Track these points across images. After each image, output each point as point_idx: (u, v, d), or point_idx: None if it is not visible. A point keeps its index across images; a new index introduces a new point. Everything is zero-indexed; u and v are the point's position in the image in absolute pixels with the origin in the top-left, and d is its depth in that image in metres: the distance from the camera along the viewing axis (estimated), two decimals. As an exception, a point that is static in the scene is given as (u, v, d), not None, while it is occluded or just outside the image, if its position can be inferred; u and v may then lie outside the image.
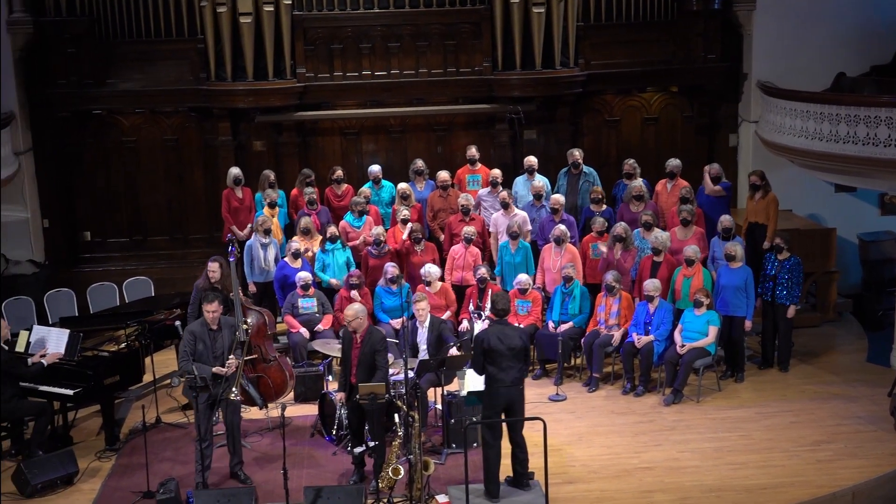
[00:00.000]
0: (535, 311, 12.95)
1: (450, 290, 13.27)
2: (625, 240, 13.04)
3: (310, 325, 12.87)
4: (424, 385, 10.94)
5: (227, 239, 11.83)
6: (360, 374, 10.05)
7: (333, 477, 10.38)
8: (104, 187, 16.23)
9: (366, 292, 13.18)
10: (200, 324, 10.18)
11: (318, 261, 13.66)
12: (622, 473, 10.40)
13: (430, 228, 14.52)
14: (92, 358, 11.48)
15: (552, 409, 11.95)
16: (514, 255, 13.47)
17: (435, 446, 10.97)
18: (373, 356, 10.04)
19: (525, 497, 9.55)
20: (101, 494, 10.30)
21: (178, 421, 11.82)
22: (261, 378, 11.61)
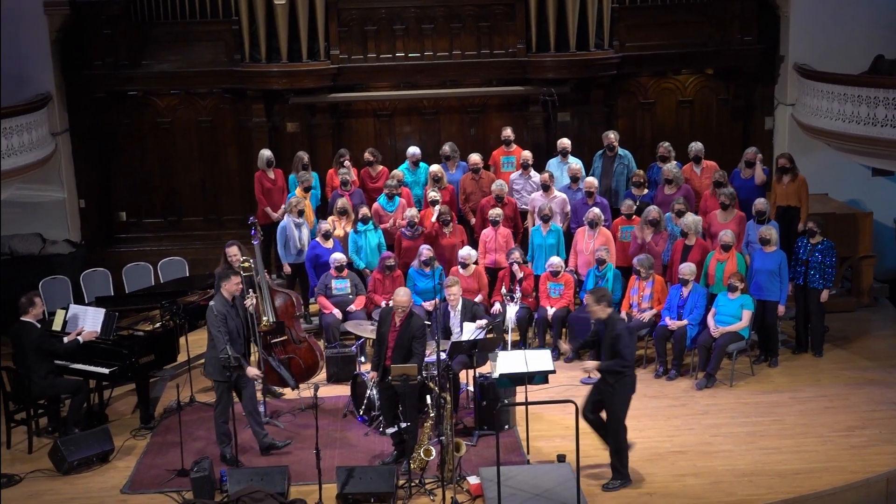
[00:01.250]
0: (568, 293, 12.92)
1: (482, 272, 13.26)
2: (658, 223, 12.97)
3: (342, 306, 12.91)
4: (456, 367, 10.95)
5: (250, 222, 11.85)
6: (395, 357, 10.10)
7: (365, 457, 10.43)
8: (139, 168, 16.32)
9: (399, 274, 13.20)
10: (222, 302, 10.26)
11: (352, 242, 13.69)
12: (654, 457, 10.38)
13: (461, 211, 14.52)
14: (127, 337, 11.57)
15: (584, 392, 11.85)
16: (546, 238, 13.44)
17: (466, 428, 10.98)
18: (410, 342, 10.06)
19: (557, 479, 9.54)
20: (136, 472, 10.40)
21: (212, 401, 11.82)
22: (292, 359, 11.67)
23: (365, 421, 11.20)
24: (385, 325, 10.25)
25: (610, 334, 9.68)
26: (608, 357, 9.69)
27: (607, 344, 9.69)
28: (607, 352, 9.69)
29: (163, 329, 11.83)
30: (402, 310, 10.10)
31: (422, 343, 10.08)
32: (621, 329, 9.71)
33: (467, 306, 11.67)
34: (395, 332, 10.15)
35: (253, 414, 10.51)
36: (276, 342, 11.63)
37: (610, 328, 9.70)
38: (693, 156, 14.23)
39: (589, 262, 13.08)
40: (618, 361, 9.65)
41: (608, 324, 9.75)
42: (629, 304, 12.66)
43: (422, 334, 10.07)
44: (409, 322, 10.08)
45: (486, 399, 10.80)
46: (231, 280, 10.27)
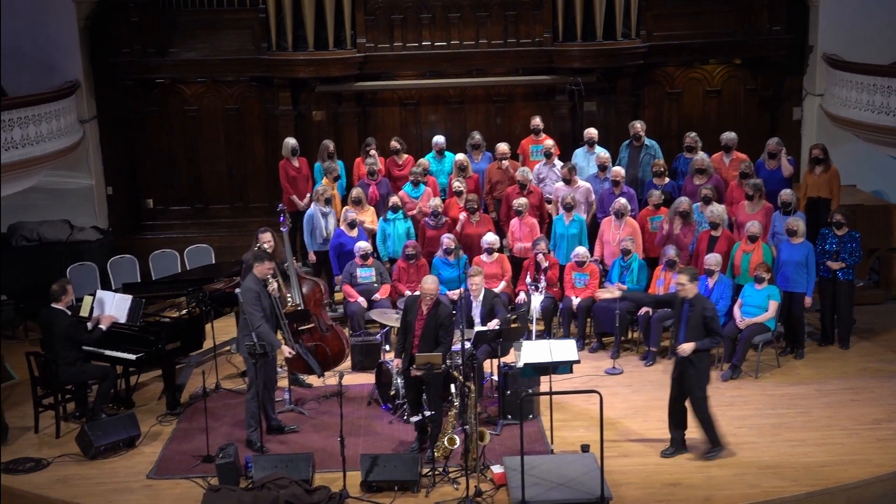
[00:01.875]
0: (593, 283, 12.90)
1: (505, 259, 13.26)
2: (688, 215, 12.93)
3: (367, 295, 12.94)
4: (481, 356, 10.94)
5: (279, 209, 11.90)
6: (422, 346, 10.11)
7: (390, 445, 10.45)
8: (166, 155, 16.40)
9: (423, 263, 13.21)
10: (255, 281, 10.36)
11: (380, 231, 13.71)
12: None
13: (485, 201, 14.50)
14: (154, 324, 11.64)
15: (609, 383, 11.93)
16: (569, 228, 13.41)
17: (491, 417, 10.99)
18: (437, 330, 10.08)
19: (580, 468, 9.54)
20: (163, 457, 10.47)
21: (238, 387, 11.96)
22: (318, 346, 11.70)
23: (389, 409, 11.23)
24: (411, 313, 10.26)
25: (700, 313, 9.90)
26: (695, 336, 9.89)
27: (695, 323, 9.89)
28: (694, 331, 9.89)
29: (189, 316, 11.88)
30: (429, 297, 10.10)
31: (448, 332, 10.09)
32: (711, 307, 10.02)
33: (488, 298, 11.63)
34: (423, 321, 10.15)
35: (269, 400, 10.61)
36: (304, 329, 11.66)
37: (699, 307, 9.92)
38: (724, 144, 14.15)
39: (615, 253, 13.05)
40: (714, 339, 9.92)
41: (695, 303, 9.95)
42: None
43: (449, 322, 10.08)
44: (436, 310, 10.08)
45: (510, 388, 10.81)
46: (265, 264, 10.35)
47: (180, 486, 9.91)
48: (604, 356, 12.73)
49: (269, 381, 10.55)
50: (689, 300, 9.97)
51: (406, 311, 10.35)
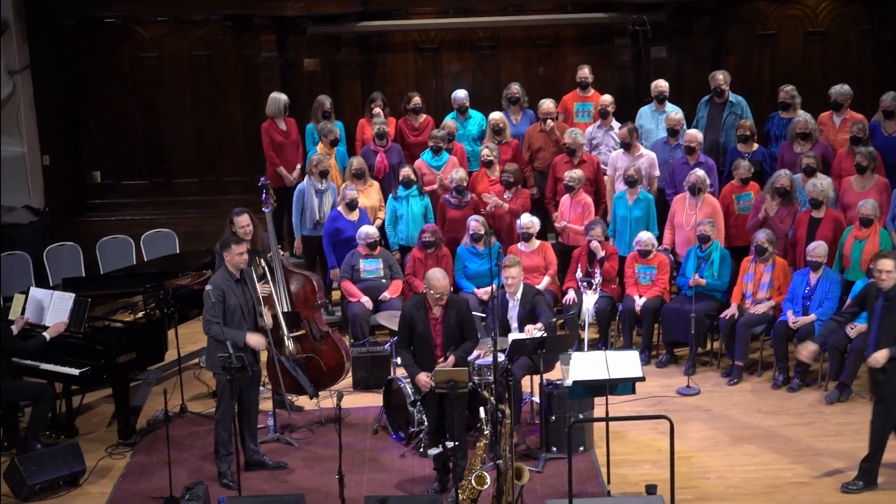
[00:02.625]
0: (661, 279, 12.90)
1: (549, 248, 13.30)
2: (788, 193, 12.90)
3: (373, 293, 12.98)
4: (518, 372, 10.94)
5: (260, 184, 11.90)
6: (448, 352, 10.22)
7: (402, 484, 10.47)
8: (118, 116, 16.46)
9: (445, 252, 13.24)
10: (223, 277, 10.40)
11: (389, 211, 13.76)
12: (770, 490, 10.32)
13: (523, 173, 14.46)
14: (102, 330, 11.68)
15: (681, 406, 11.93)
16: (632, 208, 13.42)
17: (530, 449, 11.00)
18: (460, 327, 10.12)
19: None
20: (114, 499, 10.48)
21: (208, 410, 11.97)
22: (310, 359, 11.72)
23: (401, 439, 11.25)
24: (419, 322, 10.27)
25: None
26: (891, 339, 9.87)
27: (891, 317, 9.89)
28: (891, 332, 9.88)
29: (147, 320, 11.93)
30: (441, 297, 10.11)
31: (472, 323, 10.15)
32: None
33: (528, 295, 11.62)
34: (441, 325, 10.16)
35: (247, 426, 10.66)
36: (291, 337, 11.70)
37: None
38: (833, 100, 14.08)
39: (689, 240, 13.04)
40: None
41: (893, 296, 9.91)
42: (741, 293, 12.61)
43: (469, 314, 10.15)
44: (451, 307, 10.13)
45: (555, 413, 10.80)
46: (232, 249, 10.38)
47: (136, 536, 9.97)
48: (675, 372, 12.72)
49: (247, 402, 10.59)
50: (884, 293, 9.94)
51: (410, 319, 10.31)
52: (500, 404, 9.86)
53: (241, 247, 10.46)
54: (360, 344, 12.56)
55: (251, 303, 10.50)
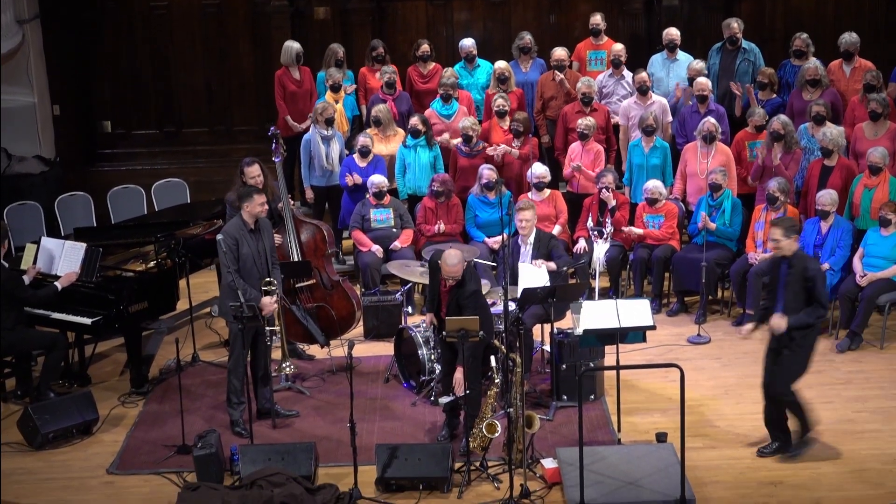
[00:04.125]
0: (669, 227, 12.92)
1: (560, 197, 13.31)
2: (783, 137, 12.85)
3: (384, 243, 13.01)
4: (529, 321, 10.97)
5: (270, 133, 11.90)
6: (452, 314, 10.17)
7: (413, 433, 10.52)
8: (128, 65, 16.43)
9: (456, 202, 13.25)
10: (237, 225, 10.41)
11: (399, 160, 13.74)
12: (780, 437, 10.35)
13: (534, 122, 14.48)
14: (114, 279, 11.71)
15: (692, 354, 11.97)
16: (649, 156, 13.40)
17: (541, 398, 11.04)
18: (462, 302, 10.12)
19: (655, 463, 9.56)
20: (126, 447, 10.55)
21: (220, 360, 12.02)
22: (321, 308, 11.78)
23: (412, 387, 11.30)
24: (434, 283, 10.35)
25: (800, 275, 9.70)
26: (797, 306, 9.71)
27: (795, 289, 9.71)
28: (795, 299, 9.71)
29: (158, 270, 11.95)
30: (450, 280, 10.09)
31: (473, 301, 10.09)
32: (816, 269, 9.79)
33: (542, 240, 11.63)
34: (446, 296, 10.22)
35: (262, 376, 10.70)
36: (302, 287, 11.75)
37: (799, 268, 9.72)
38: (843, 50, 14.01)
39: (701, 189, 13.03)
40: (814, 310, 9.72)
41: (795, 263, 9.75)
42: (753, 242, 12.61)
43: (473, 304, 10.05)
44: (458, 289, 10.09)
45: (565, 362, 10.84)
46: (254, 199, 10.38)
47: (149, 484, 10.00)
48: (686, 320, 12.76)
49: (258, 352, 10.63)
50: (787, 259, 9.84)
51: (432, 270, 10.40)
52: (511, 353, 9.89)
53: (262, 197, 10.49)
54: (371, 293, 12.59)
55: (264, 253, 10.51)
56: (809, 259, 9.92)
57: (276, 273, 10.60)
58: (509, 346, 10.03)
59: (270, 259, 10.55)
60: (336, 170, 13.74)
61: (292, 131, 14.47)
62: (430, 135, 13.74)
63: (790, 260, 9.75)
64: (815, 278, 9.67)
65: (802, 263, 9.75)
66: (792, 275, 9.73)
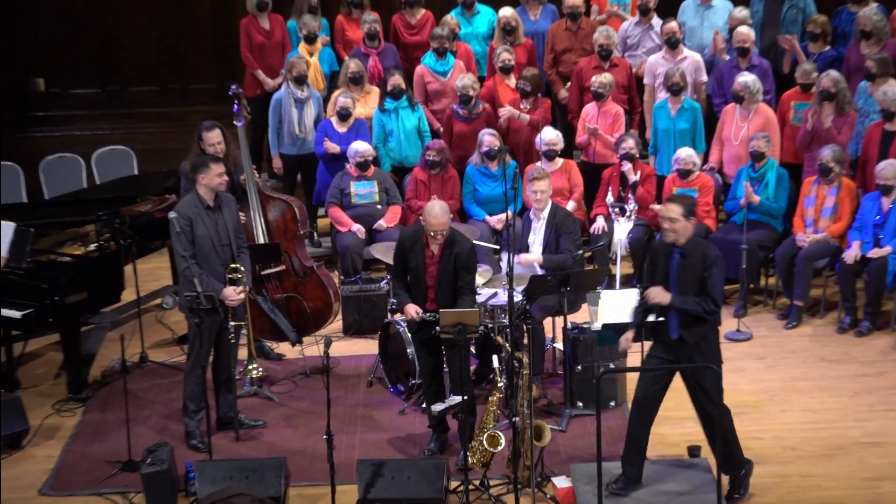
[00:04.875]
0: (704, 203, 12.88)
1: (574, 168, 13.30)
2: (834, 97, 12.83)
3: (367, 222, 12.99)
4: (538, 314, 10.93)
5: (232, 92, 11.84)
6: (440, 297, 10.13)
7: (401, 446, 10.51)
8: (65, 12, 16.38)
9: (453, 174, 13.22)
10: (192, 202, 10.32)
11: (377, 126, 13.72)
12: (834, 451, 10.33)
13: (546, 78, 14.44)
14: (48, 265, 11.67)
15: (731, 353, 11.86)
16: (676, 120, 13.41)
17: (552, 405, 11.01)
18: (455, 274, 10.04)
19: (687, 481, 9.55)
20: (62, 464, 10.49)
21: (174, 359, 12.01)
22: (292, 300, 11.76)
23: (400, 393, 11.28)
24: (415, 253, 10.14)
25: (698, 266, 9.24)
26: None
27: (691, 283, 9.26)
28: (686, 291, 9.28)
29: (100, 254, 11.92)
30: (440, 235, 10.00)
31: (470, 274, 10.06)
32: (717, 256, 9.31)
33: (559, 216, 11.49)
34: (435, 266, 10.10)
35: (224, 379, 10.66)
36: (270, 275, 11.73)
37: (696, 258, 9.26)
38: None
39: (739, 157, 13.05)
40: (704, 302, 9.23)
41: (690, 251, 9.29)
42: (802, 221, 12.60)
43: (472, 262, 10.04)
44: (451, 250, 9.99)
45: (581, 362, 10.80)
46: (211, 170, 10.28)
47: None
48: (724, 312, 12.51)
49: (220, 351, 10.58)
50: (680, 249, 9.37)
51: (404, 249, 10.22)
52: (516, 352, 9.85)
53: (221, 167, 10.39)
54: (352, 281, 12.58)
55: (226, 234, 10.40)
56: (709, 247, 9.41)
57: (243, 259, 10.51)
58: (515, 343, 10.01)
59: (235, 241, 10.44)
60: (310, 136, 13.74)
61: (259, 90, 14.49)
62: (411, 93, 13.77)
63: (684, 248, 9.30)
64: (714, 267, 9.22)
65: (700, 252, 9.29)
66: (686, 266, 9.30)
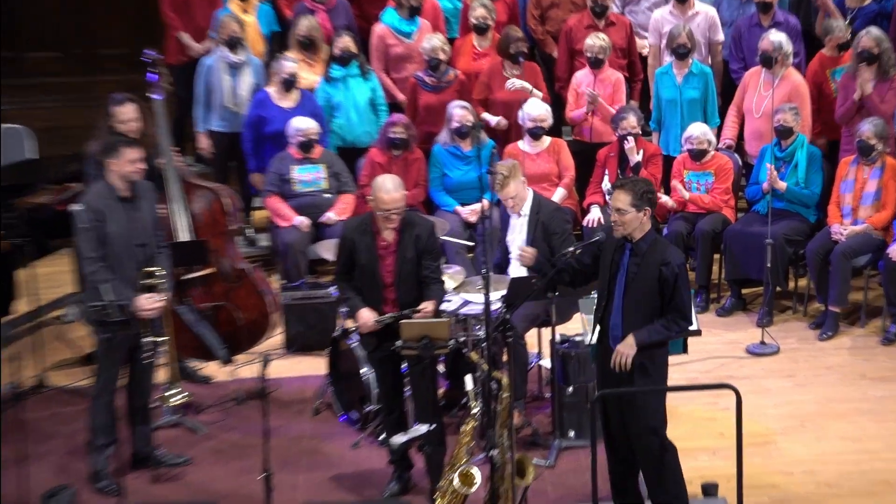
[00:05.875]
0: (721, 190, 12.91)
1: (564, 148, 13.32)
2: (877, 59, 12.90)
3: (313, 213, 13.02)
4: (520, 324, 10.89)
5: (148, 58, 11.78)
6: (402, 294, 10.07)
7: (354, 486, 10.50)
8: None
9: (418, 156, 13.30)
10: (101, 192, 10.25)
11: (322, 98, 13.80)
12: (880, 488, 10.32)
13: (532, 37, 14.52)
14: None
15: (753, 370, 12.00)
16: (683, 88, 13.50)
17: (537, 435, 10.98)
18: (419, 260, 10.00)
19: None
20: (-60, 512, 10.48)
21: (78, 383, 11.95)
22: (221, 309, 11.75)
23: (354, 421, 11.25)
24: (363, 250, 10.07)
25: (652, 271, 9.14)
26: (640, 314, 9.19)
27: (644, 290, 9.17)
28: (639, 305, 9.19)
29: (-12, 255, 11.90)
30: (394, 214, 9.92)
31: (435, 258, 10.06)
32: (679, 263, 9.18)
33: (542, 212, 11.44)
34: (392, 256, 10.05)
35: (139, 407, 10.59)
36: (194, 279, 11.71)
37: (651, 261, 9.16)
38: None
39: (762, 133, 13.11)
40: (673, 322, 9.17)
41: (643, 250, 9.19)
42: (839, 210, 12.64)
43: (434, 245, 10.04)
44: (409, 233, 9.98)
45: (572, 382, 10.76)
46: (123, 154, 10.23)
47: (-26, 567, 10.00)
48: (744, 321, 12.86)
49: (136, 372, 10.51)
50: (631, 244, 9.29)
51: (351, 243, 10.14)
52: (494, 371, 9.79)
53: (136, 151, 10.33)
54: (294, 286, 12.60)
55: (144, 231, 10.32)
56: (670, 249, 9.29)
57: (162, 260, 10.45)
58: (493, 360, 9.91)
59: (154, 239, 10.36)
60: (244, 110, 13.77)
61: (182, 57, 14.53)
62: (363, 59, 13.85)
63: (636, 245, 9.20)
64: (676, 277, 9.09)
65: (658, 254, 9.18)
66: (638, 268, 9.21)
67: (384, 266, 10.04)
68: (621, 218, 9.13)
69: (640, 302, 9.16)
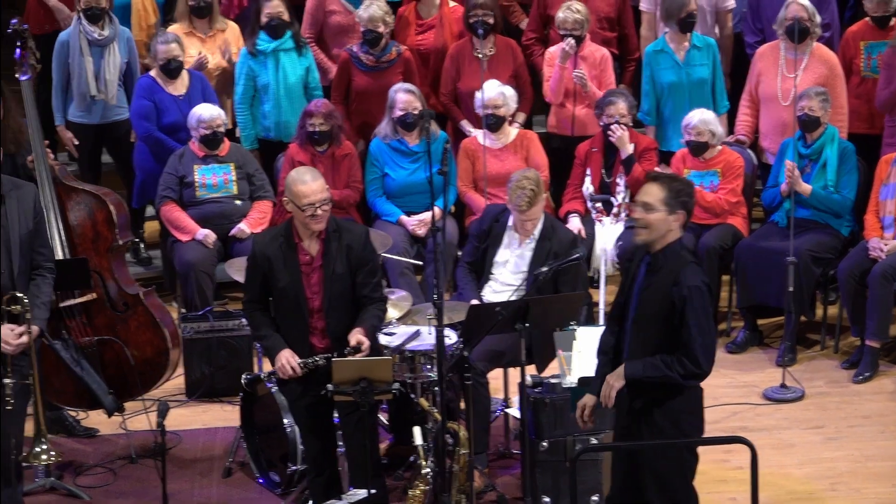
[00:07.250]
0: (729, 192, 13.10)
1: (535, 141, 13.46)
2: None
3: (221, 225, 13.14)
4: (480, 363, 11.04)
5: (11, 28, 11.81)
6: (333, 322, 10.14)
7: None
8: None
9: (349, 151, 13.40)
10: None
11: (244, 76, 13.90)
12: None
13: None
14: None
15: (772, 420, 12.14)
16: (685, 68, 13.66)
17: (503, 501, 11.05)
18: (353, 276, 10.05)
19: None
20: None
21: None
22: (107, 345, 11.78)
23: (274, 485, 11.33)
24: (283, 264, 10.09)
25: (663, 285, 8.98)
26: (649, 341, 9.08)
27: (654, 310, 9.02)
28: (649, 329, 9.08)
29: None
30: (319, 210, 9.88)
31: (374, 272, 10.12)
32: (696, 286, 8.93)
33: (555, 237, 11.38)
34: (317, 272, 10.11)
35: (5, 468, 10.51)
36: (72, 307, 11.71)
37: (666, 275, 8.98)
38: None
39: (783, 123, 13.25)
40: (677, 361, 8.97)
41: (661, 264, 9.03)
42: (878, 220, 12.77)
43: (370, 256, 10.07)
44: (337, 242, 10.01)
45: (546, 435, 10.86)
46: None
47: None
48: (762, 359, 12.98)
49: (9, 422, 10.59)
50: (650, 255, 9.14)
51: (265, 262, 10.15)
52: (450, 422, 9.94)
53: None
54: (198, 316, 12.66)
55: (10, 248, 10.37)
56: (689, 265, 9.04)
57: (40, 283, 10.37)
58: (448, 408, 10.08)
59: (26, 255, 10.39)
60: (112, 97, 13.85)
61: (49, 26, 14.60)
62: (298, 29, 13.92)
63: (654, 258, 9.07)
64: (685, 302, 8.88)
65: (675, 269, 8.99)
66: (651, 284, 9.09)
67: (309, 286, 10.02)
68: (646, 216, 8.94)
69: (646, 330, 9.04)
